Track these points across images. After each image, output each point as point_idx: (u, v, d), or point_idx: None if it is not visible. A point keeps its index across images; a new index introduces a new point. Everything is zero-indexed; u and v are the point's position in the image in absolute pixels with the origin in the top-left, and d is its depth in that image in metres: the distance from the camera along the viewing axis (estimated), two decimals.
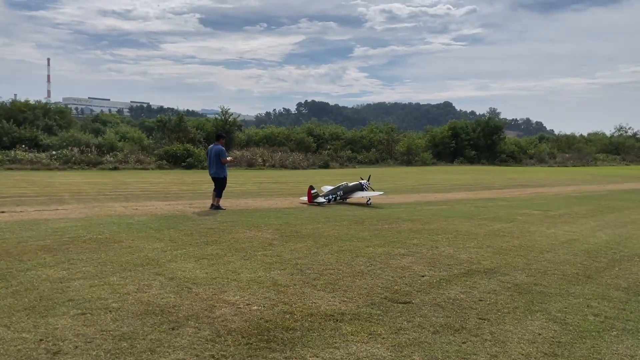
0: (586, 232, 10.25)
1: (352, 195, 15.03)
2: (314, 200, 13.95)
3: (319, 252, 7.48)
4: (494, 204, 15.37)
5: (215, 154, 12.27)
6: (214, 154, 12.30)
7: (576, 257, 7.71)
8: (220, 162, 12.22)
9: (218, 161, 12.22)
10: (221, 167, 12.30)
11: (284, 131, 51.78)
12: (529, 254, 7.79)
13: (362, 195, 14.96)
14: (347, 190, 15.02)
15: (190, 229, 9.18)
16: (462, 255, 7.53)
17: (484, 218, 11.95)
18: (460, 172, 37.40)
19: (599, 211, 13.97)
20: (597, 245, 8.77)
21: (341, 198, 14.80)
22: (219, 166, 12.26)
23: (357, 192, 15.11)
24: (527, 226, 10.81)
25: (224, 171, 12.39)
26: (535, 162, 54.64)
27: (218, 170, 12.28)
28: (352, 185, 15.27)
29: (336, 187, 15.20)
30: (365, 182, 15.50)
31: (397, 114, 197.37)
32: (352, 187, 15.18)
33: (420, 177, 30.13)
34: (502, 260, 7.32)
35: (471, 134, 53.54)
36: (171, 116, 42.56)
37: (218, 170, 12.27)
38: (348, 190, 15.04)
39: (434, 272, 6.51)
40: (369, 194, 14.95)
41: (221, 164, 12.27)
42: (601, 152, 62.38)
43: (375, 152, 48.76)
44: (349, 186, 15.17)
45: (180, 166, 33.43)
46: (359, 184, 15.38)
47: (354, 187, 15.23)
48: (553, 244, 8.71)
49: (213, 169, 12.32)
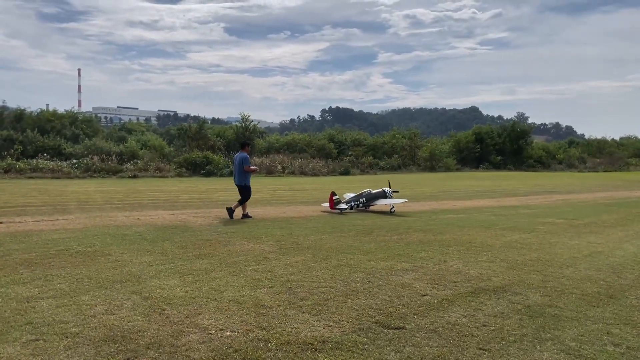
0: (612, 243, 9.45)
1: (375, 202, 14.74)
2: (335, 207, 13.71)
3: (315, 266, 6.96)
4: (516, 212, 14.57)
5: (239, 162, 12.12)
6: (238, 162, 12.16)
7: (599, 272, 6.98)
8: (243, 170, 12.04)
9: (242, 169, 12.05)
10: (244, 175, 12.11)
11: (305, 137, 51.49)
12: (546, 269, 7.10)
13: (385, 203, 14.67)
14: (370, 198, 14.74)
15: (186, 240, 8.77)
16: (471, 271, 6.90)
17: (503, 228, 11.23)
18: (485, 178, 36.35)
19: (628, 220, 13.05)
20: (624, 258, 8.01)
21: (364, 205, 14.50)
22: (242, 174, 12.10)
23: (380, 199, 14.83)
24: (548, 237, 10.07)
25: (247, 179, 12.19)
26: (565, 167, 53.02)
27: (241, 178, 12.15)
28: (375, 193, 14.98)
29: (359, 194, 14.90)
30: (389, 190, 15.22)
31: (423, 120, 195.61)
32: (375, 195, 14.90)
33: (442, 183, 29.29)
34: (516, 276, 6.66)
35: (496, 139, 52.26)
36: (192, 124, 42.75)
37: (241, 178, 12.14)
38: (371, 197, 14.76)
39: (437, 290, 5.91)
40: (392, 202, 14.62)
41: (244, 172, 12.08)
42: (634, 157, 60.11)
43: (398, 158, 47.97)
44: (371, 193, 14.89)
45: (199, 174, 33.39)
46: (382, 191, 15.10)
47: (377, 195, 14.94)
48: (575, 258, 7.98)
49: (237, 177, 12.20)
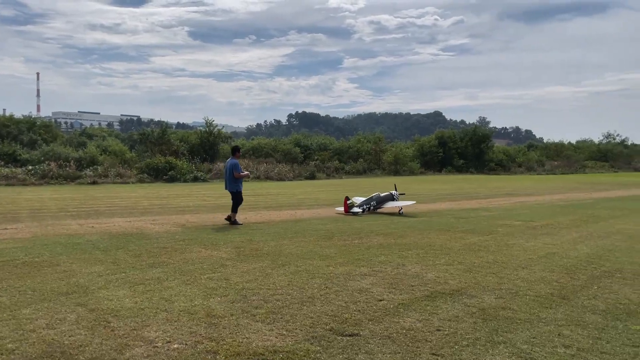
0: (567, 244, 9.67)
1: (384, 205, 15.53)
2: (350, 210, 14.45)
3: (273, 273, 6.83)
4: (476, 215, 14.79)
5: (229, 168, 11.99)
6: (228, 168, 12.04)
7: (553, 274, 7.10)
8: (234, 176, 11.91)
9: (232, 175, 11.91)
10: (235, 181, 11.96)
11: (271, 142, 51.31)
12: (502, 272, 7.18)
13: (394, 205, 15.51)
14: (380, 200, 15.56)
15: (141, 248, 8.49)
16: (429, 274, 6.90)
17: (462, 230, 11.36)
18: (447, 181, 36.94)
19: (583, 221, 13.42)
20: (577, 259, 8.18)
21: (374, 208, 15.29)
22: (233, 180, 11.96)
23: (388, 202, 15.68)
24: (506, 239, 10.22)
25: (238, 186, 12.03)
26: (524, 170, 54.45)
27: (232, 185, 12.00)
28: (383, 196, 15.81)
29: (369, 197, 15.69)
30: (396, 193, 16.11)
31: (388, 124, 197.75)
32: (383, 198, 15.73)
33: (405, 187, 29.44)
34: (472, 279, 6.70)
35: (459, 143, 53.28)
36: (154, 128, 41.90)
37: (232, 184, 11.99)
38: (380, 200, 15.59)
39: (394, 295, 5.87)
40: (400, 204, 15.53)
41: (235, 178, 11.93)
42: (590, 160, 62.36)
43: (363, 162, 48.26)
44: (380, 196, 15.72)
45: (161, 179, 32.71)
46: (390, 194, 15.96)
47: (386, 198, 15.77)
48: (530, 259, 8.11)
49: (228, 183, 12.06)
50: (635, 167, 62.53)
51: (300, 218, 13.36)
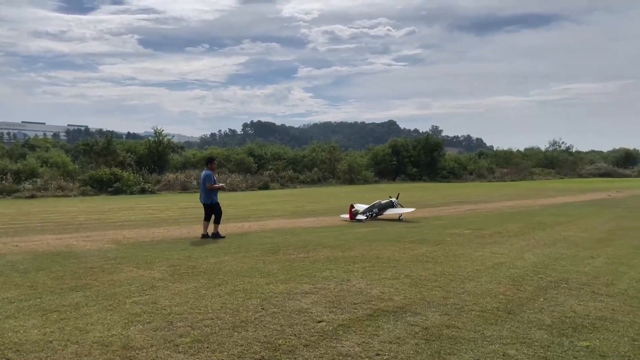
0: (515, 253, 9.60)
1: (385, 212, 16.27)
2: (354, 217, 15.27)
3: (207, 294, 6.32)
4: (427, 224, 14.70)
5: (203, 180, 11.70)
6: (202, 180, 11.75)
7: (500, 285, 6.92)
8: (207, 188, 11.57)
9: (206, 187, 11.58)
10: (209, 193, 11.60)
11: (223, 152, 50.32)
12: (449, 285, 6.94)
13: (394, 212, 16.27)
14: (381, 208, 16.32)
15: (65, 269, 7.78)
16: (373, 290, 6.57)
17: (411, 240, 11.16)
18: (401, 189, 37.07)
19: (530, 228, 13.53)
20: (524, 269, 8.07)
21: (376, 215, 15.99)
22: (207, 192, 11.59)
23: (389, 209, 16.44)
24: (454, 249, 10.07)
25: (213, 197, 11.65)
26: (475, 177, 55.65)
27: (206, 197, 11.61)
28: (384, 203, 16.61)
29: (371, 205, 16.39)
30: (395, 200, 16.90)
31: (344, 133, 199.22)
32: (384, 205, 16.52)
33: (359, 196, 29.41)
34: (418, 294, 6.41)
35: (412, 152, 53.92)
36: (98, 138, 40.27)
37: (206, 196, 11.61)
38: (382, 207, 16.35)
39: (335, 315, 5.49)
40: (400, 211, 16.28)
41: (209, 190, 11.59)
42: (537, 167, 64.42)
43: (318, 171, 48.04)
44: (381, 204, 16.51)
45: (106, 192, 31.32)
46: (390, 202, 16.77)
47: (386, 205, 16.57)
48: (477, 270, 7.94)
49: (202, 195, 11.70)
50: (579, 174, 65.11)
51: (247, 231, 12.84)
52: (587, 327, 5.16)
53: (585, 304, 6.05)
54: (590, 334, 4.96)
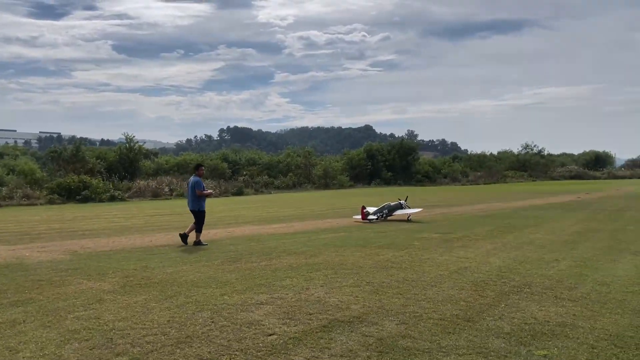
0: (480, 257, 9.49)
1: (394, 213, 17.12)
2: (366, 218, 16.18)
3: (156, 307, 5.99)
4: (395, 228, 14.56)
5: (191, 187, 11.56)
6: (190, 187, 11.60)
7: (462, 291, 6.76)
8: (196, 194, 11.49)
9: (195, 193, 11.50)
10: (198, 200, 11.54)
11: (196, 158, 49.65)
12: (410, 291, 6.75)
13: (403, 212, 17.13)
14: (391, 209, 17.17)
15: (10, 283, 7.35)
16: (332, 299, 6.34)
17: (379, 246, 10.98)
18: (375, 194, 37.11)
19: (499, 231, 13.49)
20: (488, 273, 7.95)
21: (386, 215, 16.85)
22: (196, 199, 11.52)
23: (398, 210, 17.29)
24: (420, 253, 9.92)
25: (201, 204, 11.57)
26: (449, 181, 56.12)
27: (195, 203, 11.55)
28: (393, 205, 17.45)
29: (382, 206, 17.20)
30: (404, 202, 17.75)
31: (321, 138, 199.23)
32: (394, 206, 17.36)
33: (332, 201, 29.30)
34: (377, 302, 6.21)
35: (386, 156, 54.13)
36: (67, 145, 39.28)
37: (195, 203, 11.54)
38: (391, 208, 17.19)
39: (288, 327, 5.24)
40: (408, 212, 17.11)
41: (198, 197, 11.52)
42: (510, 170, 65.29)
43: (293, 176, 47.81)
44: (391, 205, 17.34)
45: (74, 200, 30.49)
46: (399, 203, 17.62)
47: (396, 206, 17.40)
48: (441, 276, 7.78)
49: (190, 202, 11.60)
50: (551, 176, 66.24)
51: (212, 239, 12.49)
52: (546, 335, 5.01)
53: (546, 309, 5.92)
54: (548, 342, 4.81)
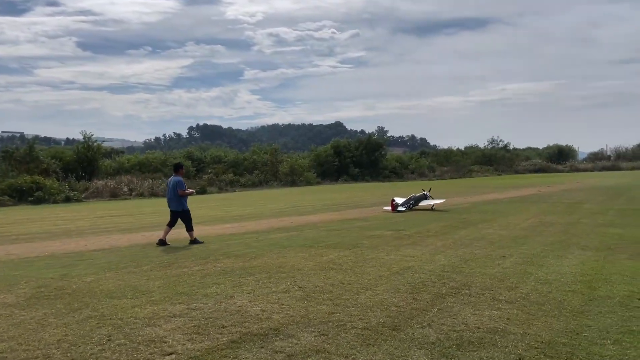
0: (427, 255, 9.12)
1: (420, 203, 18.46)
2: (396, 209, 17.63)
3: (53, 323, 5.36)
4: (351, 226, 14.14)
5: (172, 187, 11.42)
6: (172, 187, 11.46)
7: (397, 295, 6.33)
8: (178, 194, 11.34)
9: (176, 194, 11.33)
10: (179, 200, 11.41)
11: (160, 156, 48.43)
12: (341, 296, 6.29)
13: (427, 203, 18.48)
14: (416, 200, 18.56)
15: None
16: (254, 308, 5.82)
17: (326, 245, 10.52)
18: (341, 190, 36.81)
19: (453, 227, 13.21)
20: (430, 273, 7.56)
21: (412, 206, 18.20)
22: (178, 199, 11.39)
23: (423, 200, 18.61)
24: (367, 253, 9.50)
25: (183, 204, 11.46)
26: (417, 176, 56.28)
27: (177, 204, 11.41)
28: (418, 196, 18.86)
29: (408, 198, 18.70)
30: (427, 193, 19.18)
31: (291, 135, 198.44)
32: (418, 197, 18.73)
33: (295, 198, 28.79)
34: (302, 310, 5.72)
35: (354, 152, 53.89)
36: (19, 145, 37.65)
37: (177, 203, 11.40)
38: (417, 199, 18.57)
39: (193, 344, 4.70)
40: (432, 202, 18.47)
41: (179, 197, 11.37)
42: (476, 164, 65.95)
43: (259, 174, 47.10)
44: (416, 196, 18.76)
45: (26, 201, 29.16)
46: (422, 194, 19.02)
47: (420, 197, 18.76)
48: (380, 277, 7.35)
49: (172, 202, 11.44)
50: (516, 170, 67.23)
51: (151, 241, 11.80)
52: (473, 344, 4.61)
53: (480, 313, 5.53)
54: (474, 353, 4.40)
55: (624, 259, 8.41)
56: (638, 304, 5.77)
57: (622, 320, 5.19)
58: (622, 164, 73.11)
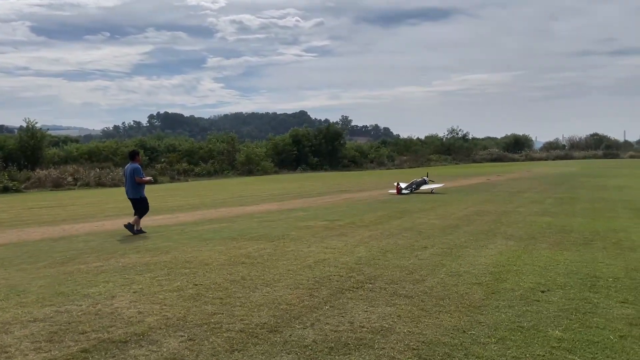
0: (349, 247, 8.77)
1: (421, 187, 20.39)
2: (401, 192, 19.57)
3: None
4: (287, 216, 13.71)
5: (130, 174, 11.27)
6: (129, 174, 11.30)
7: (294, 291, 5.93)
8: (135, 182, 11.18)
9: (134, 181, 11.19)
10: (137, 187, 11.28)
11: (111, 145, 46.78)
12: (235, 294, 5.84)
13: (427, 187, 20.49)
14: (417, 184, 20.49)
15: None
16: (131, 310, 5.31)
17: (251, 237, 10.04)
18: (296, 180, 36.34)
19: (388, 217, 12.95)
20: (343, 266, 7.20)
21: (414, 189, 20.10)
22: (135, 186, 11.25)
23: (423, 185, 20.58)
24: (289, 245, 9.08)
25: (141, 192, 11.34)
26: (376, 165, 56.31)
27: (134, 191, 11.28)
28: (419, 181, 20.84)
29: (411, 182, 20.75)
30: (427, 178, 21.26)
31: (255, 124, 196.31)
32: (419, 182, 20.70)
33: (246, 188, 28.17)
34: (183, 311, 5.24)
35: (313, 141, 53.44)
36: None
37: (134, 191, 11.28)
38: (418, 184, 20.50)
39: (39, 353, 4.16)
40: (431, 186, 20.56)
41: (137, 184, 11.22)
42: (435, 154, 66.58)
43: (215, 163, 46.12)
44: (417, 181, 20.74)
45: None
46: (423, 179, 21.07)
47: (421, 182, 20.73)
48: (288, 272, 6.94)
49: (130, 190, 11.33)
50: (474, 159, 68.23)
51: (68, 235, 11.09)
52: (348, 346, 4.24)
53: (373, 310, 5.19)
54: (345, 356, 4.03)
55: (543, 249, 8.27)
56: (539, 297, 5.54)
57: (516, 316, 4.93)
58: (575, 153, 75.37)
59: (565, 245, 8.54)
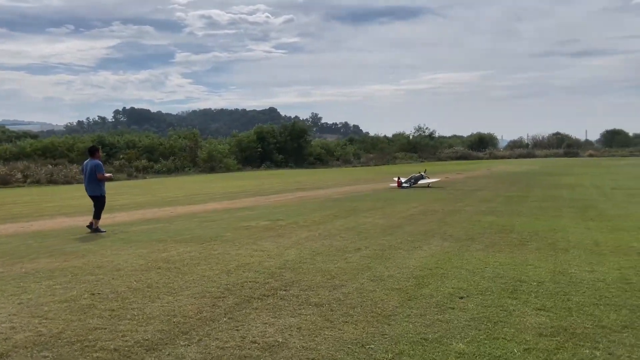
0: (280, 249, 8.34)
1: (419, 182, 21.82)
2: (401, 186, 20.98)
3: None
4: (230, 216, 13.20)
5: (90, 171, 10.97)
6: (89, 171, 11.00)
7: (199, 300, 5.46)
8: (96, 178, 10.95)
9: (94, 178, 10.96)
10: (97, 184, 11.06)
11: (67, 140, 45.18)
12: (131, 305, 5.33)
13: (424, 182, 21.98)
14: (416, 179, 22.01)
15: None
16: (4, 325, 4.75)
17: (181, 239, 9.51)
18: (257, 177, 35.75)
19: (334, 216, 12.58)
20: (264, 271, 6.76)
21: (413, 183, 21.53)
22: (95, 183, 11.03)
23: (420, 179, 22.15)
24: (218, 248, 8.60)
25: (101, 189, 11.13)
26: (341, 163, 56.12)
27: (94, 188, 11.04)
28: (417, 175, 22.43)
29: (410, 177, 22.15)
30: (424, 173, 23.05)
31: (224, 120, 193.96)
32: (417, 177, 22.27)
33: (202, 186, 27.45)
34: (62, 325, 4.71)
35: (278, 138, 52.85)
36: None
37: (94, 187, 11.04)
38: (416, 178, 22.05)
39: None
40: (428, 181, 22.12)
41: (97, 181, 11.00)
42: (401, 152, 66.87)
43: (176, 160, 45.04)
44: (415, 176, 22.31)
45: None
46: (420, 175, 22.70)
47: (418, 177, 22.31)
48: (202, 277, 6.46)
49: (90, 187, 11.08)
50: (439, 157, 68.82)
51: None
52: None
53: (275, 321, 4.77)
54: None
55: (476, 250, 8.01)
56: (454, 304, 5.22)
57: (425, 326, 4.59)
58: (537, 152, 76.87)
59: (500, 246, 8.31)
